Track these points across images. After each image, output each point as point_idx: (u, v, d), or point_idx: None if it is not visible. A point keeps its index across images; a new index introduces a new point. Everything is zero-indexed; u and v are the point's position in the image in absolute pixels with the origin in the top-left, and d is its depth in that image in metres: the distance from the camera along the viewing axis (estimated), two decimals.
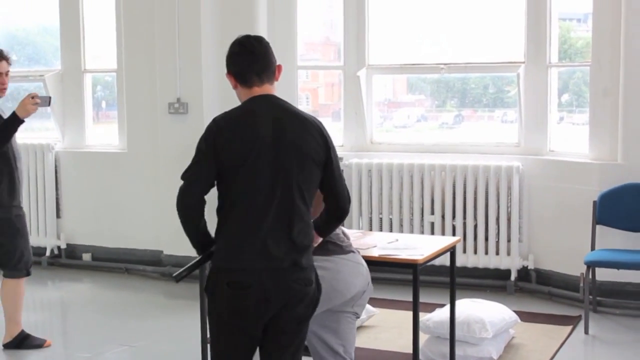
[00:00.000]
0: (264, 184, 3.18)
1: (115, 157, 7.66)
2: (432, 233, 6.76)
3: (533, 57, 6.56)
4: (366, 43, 7.13)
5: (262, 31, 7.03)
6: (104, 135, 7.99)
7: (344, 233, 4.02)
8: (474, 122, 7.49)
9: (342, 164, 7.03)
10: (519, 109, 6.66)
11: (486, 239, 6.69)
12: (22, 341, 5.47)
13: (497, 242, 6.68)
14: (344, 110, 7.24)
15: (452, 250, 4.84)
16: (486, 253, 6.71)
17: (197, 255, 3.34)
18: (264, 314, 3.19)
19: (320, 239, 3.56)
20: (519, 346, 5.26)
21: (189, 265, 3.36)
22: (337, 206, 3.42)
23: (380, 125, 7.40)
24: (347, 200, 3.44)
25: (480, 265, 6.69)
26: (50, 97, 5.46)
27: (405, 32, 7.20)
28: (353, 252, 3.97)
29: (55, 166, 7.87)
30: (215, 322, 3.27)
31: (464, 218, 6.73)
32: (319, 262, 3.83)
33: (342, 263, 3.88)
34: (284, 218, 3.20)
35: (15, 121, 5.17)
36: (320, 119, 3.45)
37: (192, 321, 5.95)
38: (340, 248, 3.92)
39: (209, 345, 3.29)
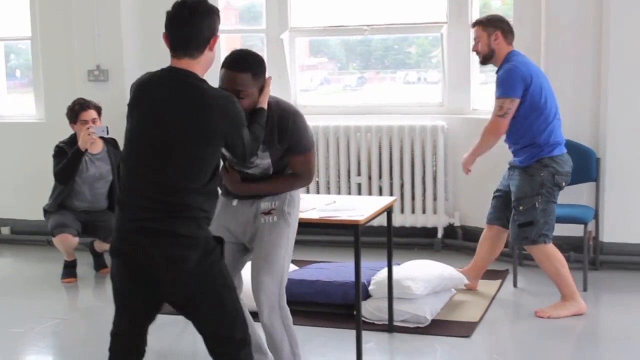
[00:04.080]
0: (146, 157, 3.17)
1: (32, 128, 7.44)
2: (359, 194, 6.81)
3: (455, 17, 6.63)
4: (288, 6, 7.08)
5: None
6: (19, 105, 7.75)
7: None
8: (377, 84, 7.56)
9: None
10: (442, 69, 6.75)
11: (413, 198, 6.79)
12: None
13: (424, 201, 6.79)
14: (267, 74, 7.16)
15: (388, 211, 4.91)
16: (413, 212, 6.82)
17: None
18: (139, 282, 3.20)
19: None
20: (457, 303, 5.38)
21: None
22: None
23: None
24: (245, 155, 3.41)
25: (408, 224, 6.79)
26: (106, 127, 6.10)
27: None
28: None
29: None
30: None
31: (391, 178, 6.81)
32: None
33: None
34: (162, 191, 3.14)
35: (76, 153, 6.05)
36: None
37: None
38: None
39: None
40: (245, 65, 3.64)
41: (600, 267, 6.03)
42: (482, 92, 6.79)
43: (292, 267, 5.71)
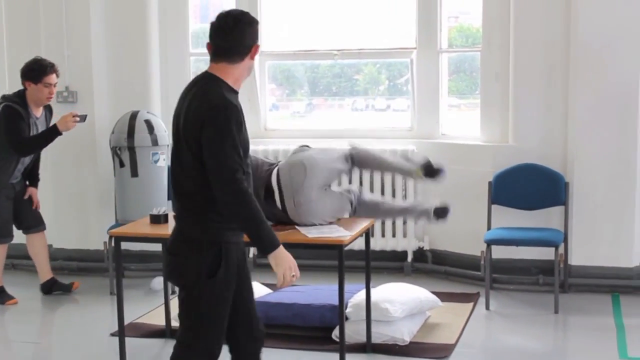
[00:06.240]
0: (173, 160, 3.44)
1: None
2: None
3: (425, 43, 6.72)
4: (258, 29, 7.08)
5: (152, 18, 6.92)
6: None
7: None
8: (324, 111, 7.62)
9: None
10: (411, 94, 6.83)
11: (382, 221, 6.82)
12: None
13: (393, 224, 6.82)
14: None
15: (366, 233, 4.94)
16: (383, 235, 6.85)
17: None
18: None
19: None
20: (432, 325, 5.41)
21: None
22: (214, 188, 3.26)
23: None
24: (221, 182, 3.22)
25: (377, 247, 6.79)
26: (86, 115, 6.13)
27: (298, 18, 7.21)
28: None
29: None
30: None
31: None
32: None
33: None
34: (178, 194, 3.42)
35: (54, 132, 5.87)
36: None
37: (92, 312, 5.85)
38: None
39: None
40: None
41: (568, 289, 6.11)
42: (451, 116, 6.89)
43: (267, 290, 5.70)
